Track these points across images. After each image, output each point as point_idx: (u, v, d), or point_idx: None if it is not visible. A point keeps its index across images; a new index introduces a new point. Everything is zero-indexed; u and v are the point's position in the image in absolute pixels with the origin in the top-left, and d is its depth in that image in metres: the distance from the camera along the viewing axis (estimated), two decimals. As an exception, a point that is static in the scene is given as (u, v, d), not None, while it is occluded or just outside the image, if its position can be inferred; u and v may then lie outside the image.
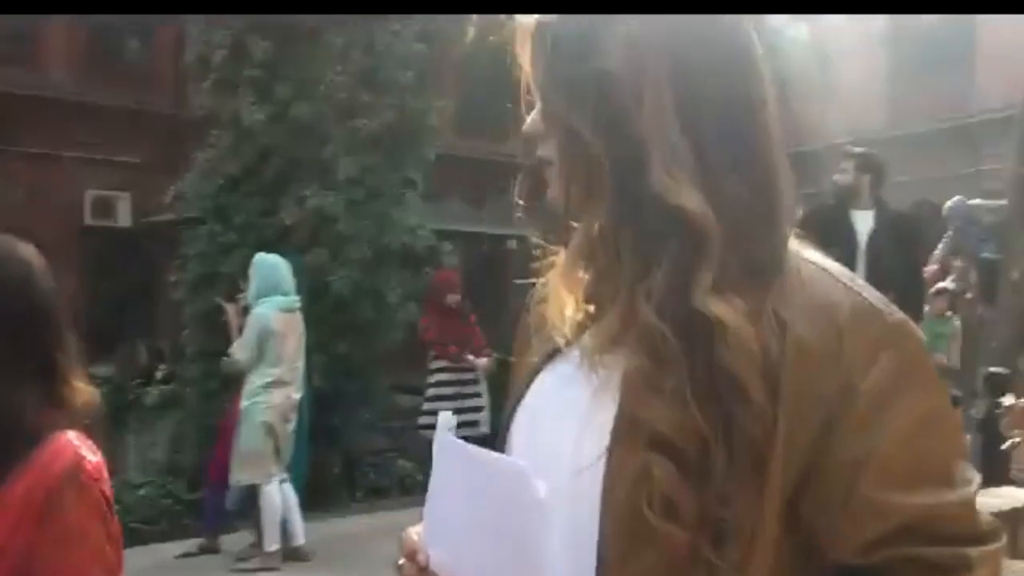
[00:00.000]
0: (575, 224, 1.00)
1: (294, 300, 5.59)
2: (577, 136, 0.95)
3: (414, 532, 1.06)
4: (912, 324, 0.94)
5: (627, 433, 0.91)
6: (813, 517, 0.89)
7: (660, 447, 0.88)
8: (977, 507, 0.90)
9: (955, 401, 5.14)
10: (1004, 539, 0.90)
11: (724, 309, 0.88)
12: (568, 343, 1.02)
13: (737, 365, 0.87)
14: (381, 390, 9.64)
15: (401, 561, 1.04)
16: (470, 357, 7.02)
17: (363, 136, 8.81)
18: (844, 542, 0.89)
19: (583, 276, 1.00)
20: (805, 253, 0.97)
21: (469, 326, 7.22)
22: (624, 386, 0.93)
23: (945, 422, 0.91)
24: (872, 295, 0.94)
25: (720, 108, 0.94)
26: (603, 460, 0.91)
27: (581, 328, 1.02)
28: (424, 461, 8.31)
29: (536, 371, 1.06)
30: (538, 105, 1.02)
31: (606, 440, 0.92)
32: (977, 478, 0.91)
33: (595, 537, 0.91)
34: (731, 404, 0.87)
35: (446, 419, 1.04)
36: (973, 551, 0.87)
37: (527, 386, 1.06)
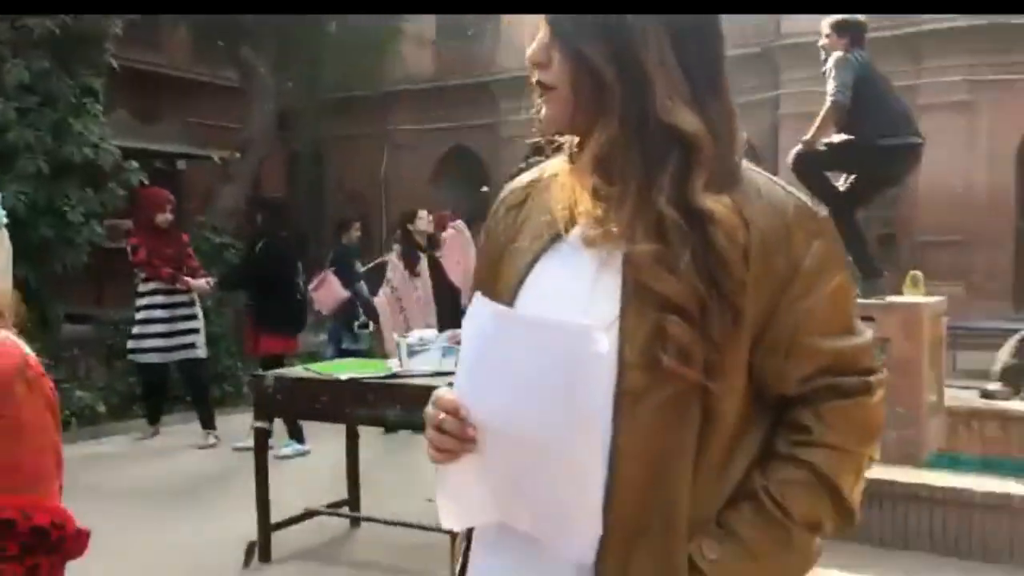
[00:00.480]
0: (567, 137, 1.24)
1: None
2: (592, 66, 1.18)
3: (447, 392, 1.25)
4: (830, 219, 1.29)
5: (637, 299, 1.17)
6: (763, 362, 1.21)
7: (670, 309, 1.15)
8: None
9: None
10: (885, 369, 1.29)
11: (715, 204, 1.17)
12: (567, 232, 1.26)
13: (725, 246, 1.16)
14: (57, 319, 8.98)
15: (442, 416, 1.22)
16: (186, 279, 6.79)
17: (35, 37, 8.01)
18: (786, 378, 1.22)
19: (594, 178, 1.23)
20: (750, 165, 1.28)
21: (182, 246, 6.97)
22: (629, 263, 1.18)
23: (850, 291, 1.28)
24: (805, 197, 1.27)
25: (703, 48, 1.22)
26: (617, 321, 1.17)
27: (572, 222, 1.26)
28: (107, 389, 8.05)
29: (535, 257, 1.28)
30: (543, 38, 1.23)
31: (615, 306, 1.18)
32: (868, 330, 1.29)
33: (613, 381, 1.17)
34: (720, 275, 1.16)
35: (479, 301, 1.23)
36: (871, 378, 1.25)
37: (527, 269, 1.28)
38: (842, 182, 5.57)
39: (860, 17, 5.64)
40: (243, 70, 12.93)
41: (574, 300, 1.21)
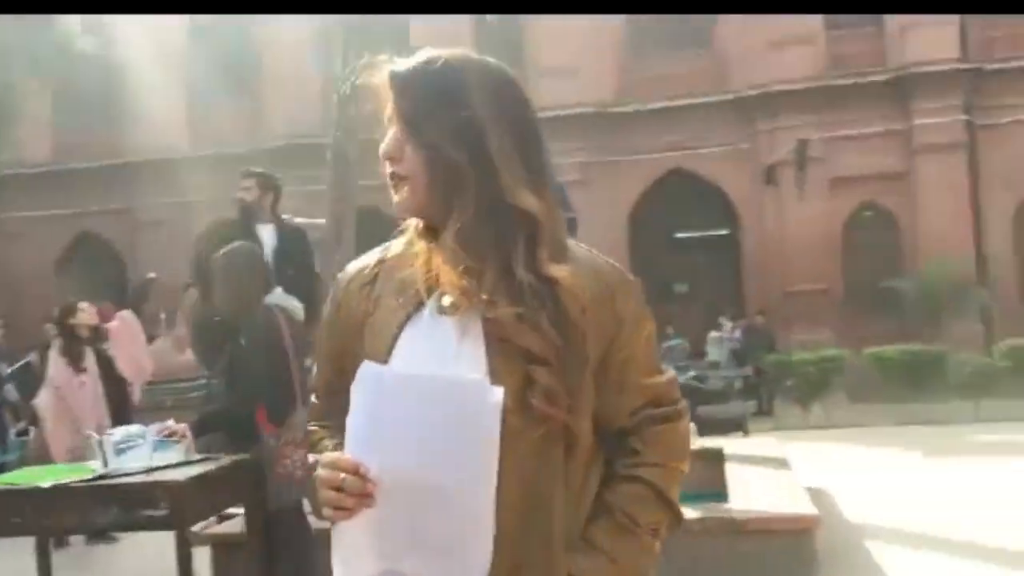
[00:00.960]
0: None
1: None
2: (447, 156, 1.39)
3: (339, 454, 1.35)
4: (639, 281, 1.58)
5: (502, 355, 1.36)
6: (602, 399, 1.45)
7: (534, 360, 1.37)
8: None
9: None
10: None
11: (559, 271, 1.41)
12: (425, 304, 1.43)
13: (570, 306, 1.41)
14: None
15: (342, 476, 1.33)
16: None
17: None
18: (620, 411, 1.47)
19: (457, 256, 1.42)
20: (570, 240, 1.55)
21: None
22: (491, 324, 1.38)
23: (653, 337, 1.57)
24: (618, 265, 1.55)
25: (532, 138, 1.47)
26: (487, 376, 1.37)
27: (430, 295, 1.44)
28: None
29: (400, 327, 1.44)
30: (396, 134, 1.43)
31: (481, 364, 1.38)
32: (670, 369, 1.60)
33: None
34: (569, 330, 1.40)
35: (370, 367, 1.35)
36: (679, 406, 1.54)
37: (393, 339, 1.43)
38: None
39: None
40: None
41: (441, 362, 1.38)
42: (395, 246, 1.53)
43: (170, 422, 4.11)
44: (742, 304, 18.84)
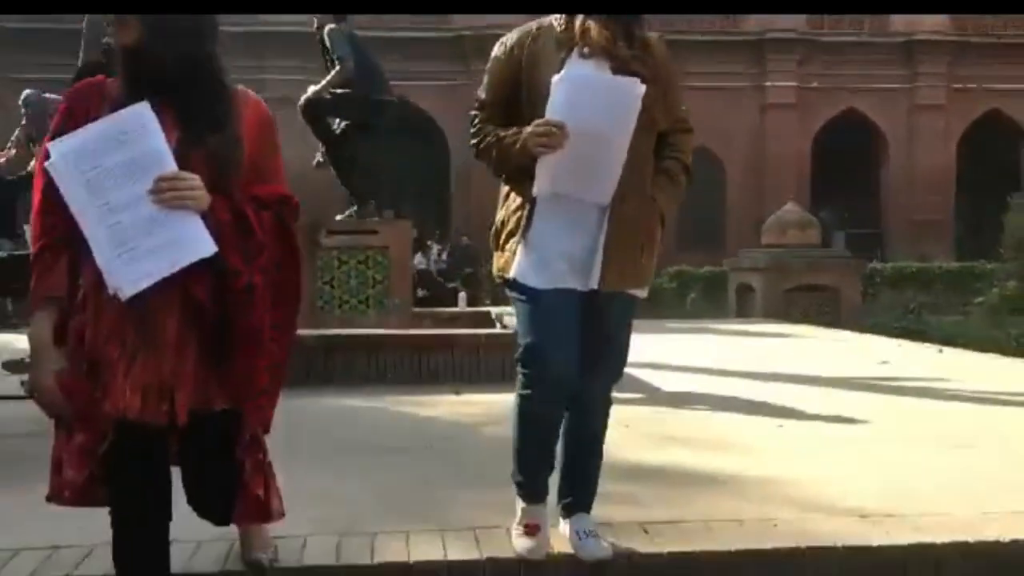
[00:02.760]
0: None
1: None
2: None
3: (546, 119, 2.57)
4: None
5: None
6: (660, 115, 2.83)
7: (644, 82, 2.70)
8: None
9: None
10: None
11: (652, 38, 2.75)
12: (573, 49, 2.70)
13: (658, 56, 2.75)
14: None
15: (552, 128, 2.54)
16: None
17: None
18: (666, 122, 2.85)
19: None
20: None
21: None
22: (615, 62, 2.69)
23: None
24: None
25: None
26: None
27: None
28: None
29: (561, 64, 2.67)
30: None
31: None
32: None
33: None
34: (658, 68, 2.76)
35: (570, 71, 2.58)
36: (689, 124, 2.88)
37: (560, 68, 2.66)
38: (336, 126, 7.12)
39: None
40: None
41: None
42: (547, 22, 2.74)
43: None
44: (447, 227, 20.61)
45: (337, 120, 7.09)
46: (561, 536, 2.76)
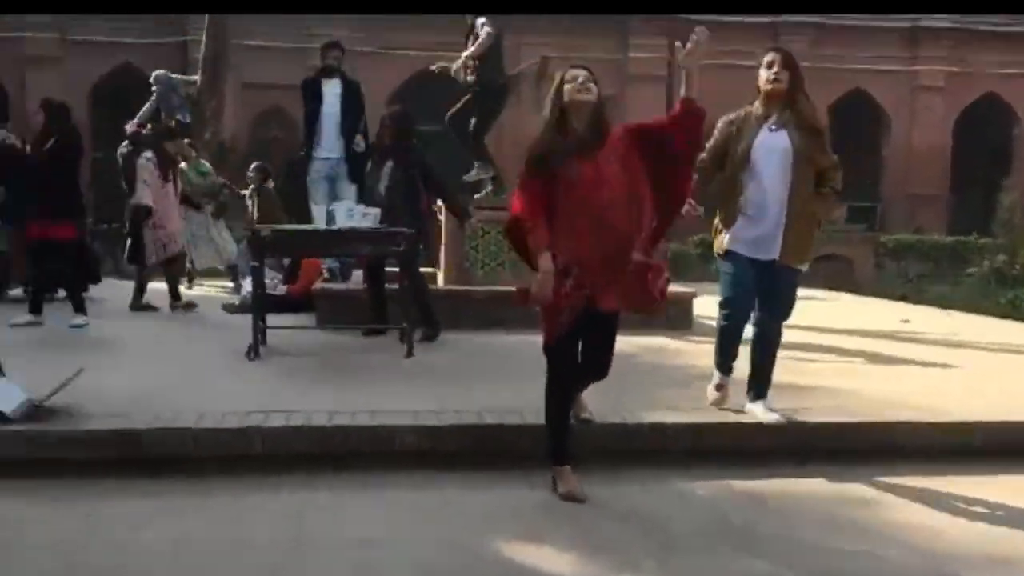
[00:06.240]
0: None
1: None
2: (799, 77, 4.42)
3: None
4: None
5: (801, 138, 4.43)
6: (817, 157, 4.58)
7: (813, 142, 4.44)
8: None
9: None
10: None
11: (815, 115, 4.49)
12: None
13: (817, 124, 4.50)
14: None
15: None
16: None
17: None
18: (821, 164, 4.58)
19: None
20: None
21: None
22: (792, 132, 4.42)
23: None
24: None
25: None
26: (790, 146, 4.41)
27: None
28: None
29: (755, 133, 4.40)
30: (781, 69, 4.42)
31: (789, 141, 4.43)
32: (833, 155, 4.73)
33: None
34: (818, 135, 4.49)
35: (759, 137, 4.30)
36: (838, 172, 4.65)
37: (753, 138, 4.40)
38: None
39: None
40: None
41: (774, 140, 4.42)
42: (751, 109, 4.48)
43: (361, 206, 6.50)
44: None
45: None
46: (750, 409, 4.57)
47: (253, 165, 12.03)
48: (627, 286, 3.78)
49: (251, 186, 11.75)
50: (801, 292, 4.73)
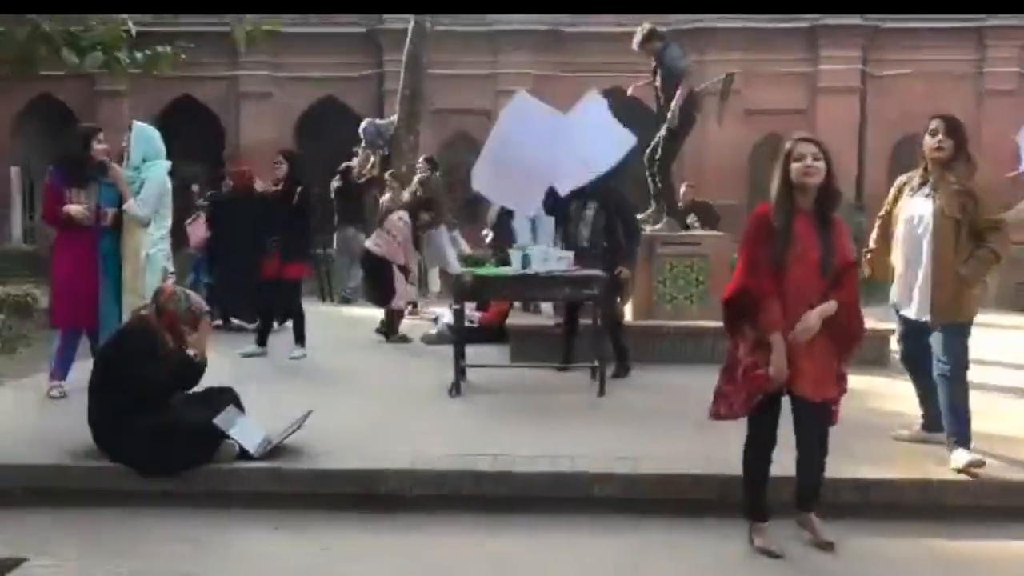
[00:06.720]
0: None
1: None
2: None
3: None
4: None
5: (946, 201, 4.52)
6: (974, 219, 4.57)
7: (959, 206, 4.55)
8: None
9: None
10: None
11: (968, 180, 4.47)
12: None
13: (969, 188, 4.47)
14: None
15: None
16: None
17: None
18: (978, 225, 4.61)
19: None
20: None
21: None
22: (941, 196, 4.49)
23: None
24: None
25: None
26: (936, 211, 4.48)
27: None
28: None
29: (912, 197, 4.47)
30: (944, 139, 4.47)
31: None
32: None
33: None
34: (969, 197, 4.56)
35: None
36: (1001, 228, 4.69)
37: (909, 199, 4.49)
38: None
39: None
40: None
41: (919, 204, 4.59)
42: (912, 175, 4.57)
43: (556, 249, 6.78)
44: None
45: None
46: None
47: (422, 157, 12.61)
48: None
49: (419, 174, 12.16)
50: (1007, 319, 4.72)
